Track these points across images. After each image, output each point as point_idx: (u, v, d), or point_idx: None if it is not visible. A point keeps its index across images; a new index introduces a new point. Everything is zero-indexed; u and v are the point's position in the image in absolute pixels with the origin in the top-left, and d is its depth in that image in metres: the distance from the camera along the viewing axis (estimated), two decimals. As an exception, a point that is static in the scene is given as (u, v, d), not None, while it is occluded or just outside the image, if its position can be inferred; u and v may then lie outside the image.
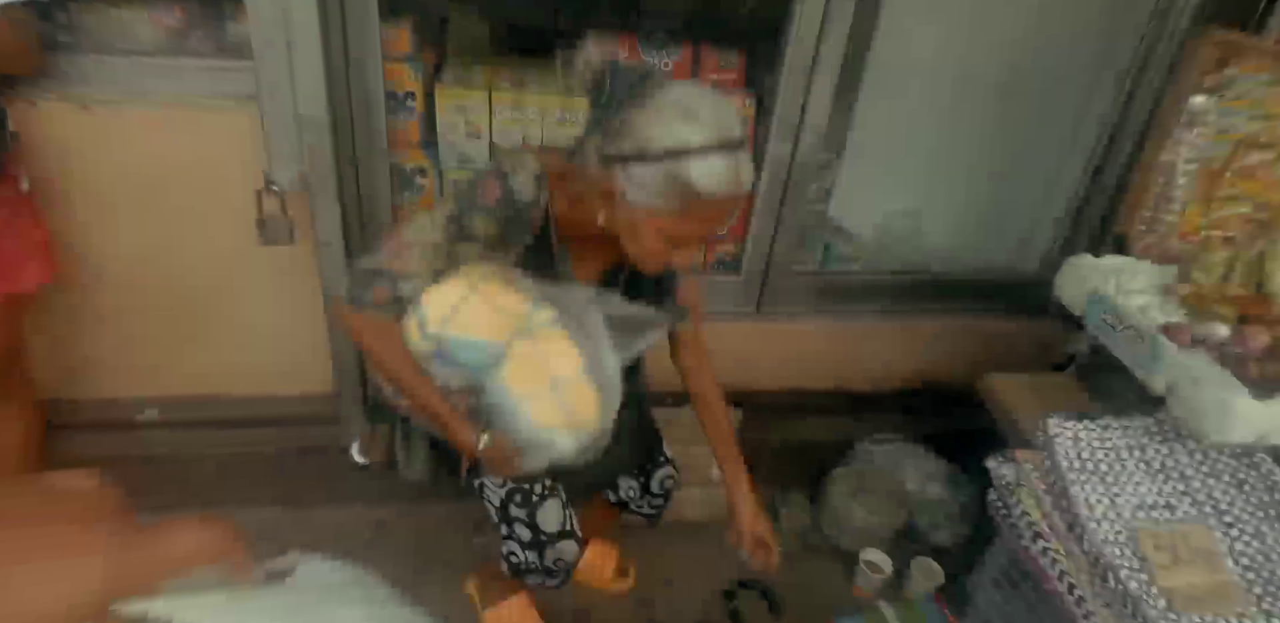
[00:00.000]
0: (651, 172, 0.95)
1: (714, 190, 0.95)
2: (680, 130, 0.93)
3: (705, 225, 1.01)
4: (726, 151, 0.94)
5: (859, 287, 2.28)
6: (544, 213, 1.10)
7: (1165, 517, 1.36)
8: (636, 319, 1.06)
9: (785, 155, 1.93)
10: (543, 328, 1.05)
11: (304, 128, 1.52)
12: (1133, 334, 1.44)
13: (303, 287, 1.74)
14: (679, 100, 0.94)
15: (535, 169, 1.07)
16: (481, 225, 1.06)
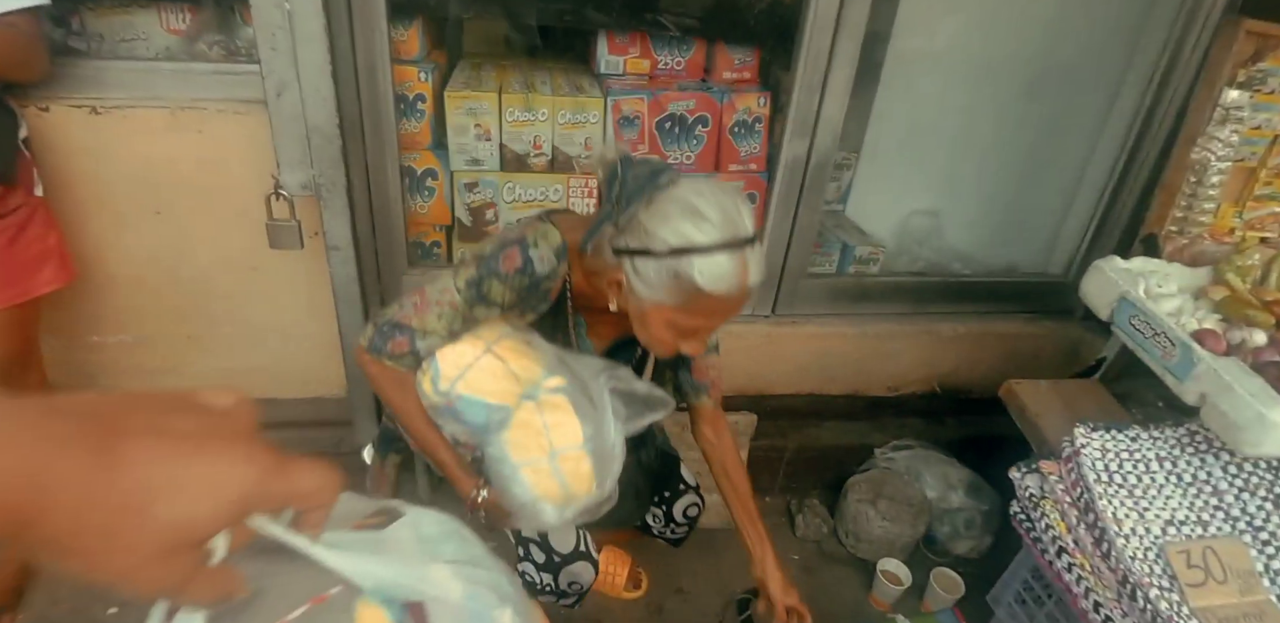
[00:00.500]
0: (656, 267, 0.97)
1: (718, 289, 0.96)
2: (685, 229, 0.94)
3: (711, 319, 1.02)
4: (732, 250, 0.95)
5: (877, 289, 2.23)
6: (562, 284, 1.13)
7: (1197, 533, 1.30)
8: (644, 397, 1.06)
9: (801, 155, 1.88)
10: (549, 396, 1.07)
11: (312, 132, 1.51)
12: (1163, 341, 1.38)
13: (314, 291, 1.73)
14: (686, 198, 0.96)
15: (556, 242, 1.09)
16: (499, 292, 1.09)
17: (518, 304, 1.12)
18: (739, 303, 1.01)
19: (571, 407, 1.04)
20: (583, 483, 1.05)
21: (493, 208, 1.89)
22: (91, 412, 0.35)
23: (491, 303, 1.09)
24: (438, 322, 1.09)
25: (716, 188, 0.99)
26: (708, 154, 1.94)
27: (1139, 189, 2.10)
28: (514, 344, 1.10)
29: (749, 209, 1.00)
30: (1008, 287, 2.33)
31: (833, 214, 2.33)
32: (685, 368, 1.33)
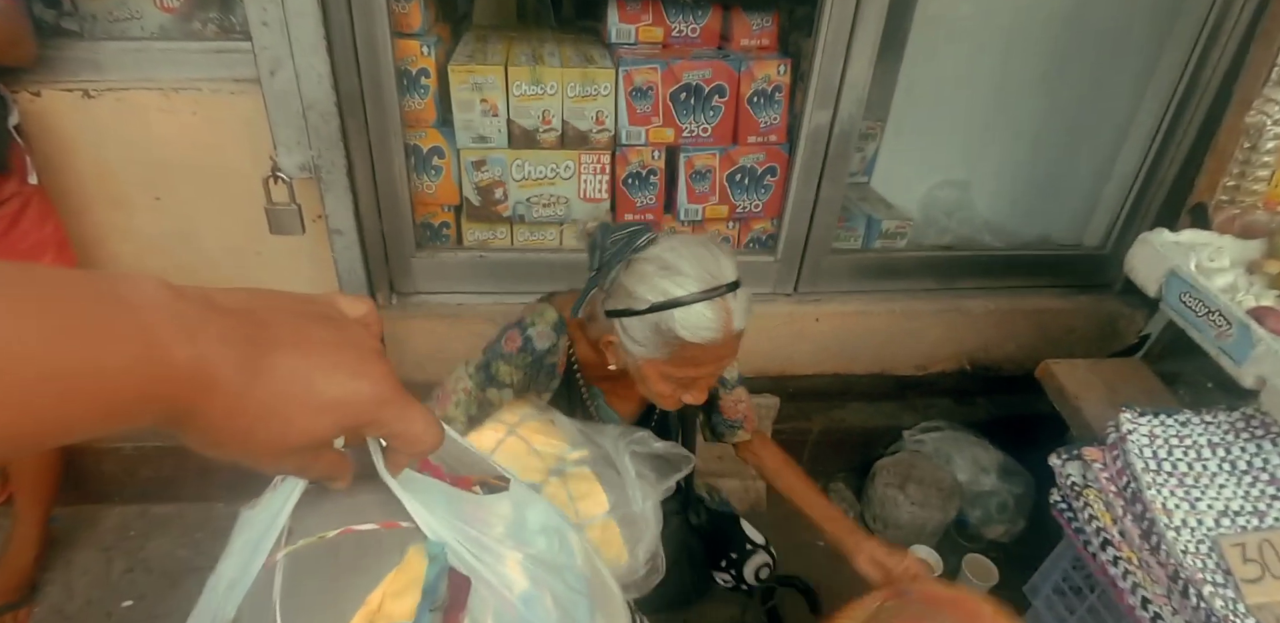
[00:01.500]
0: (641, 325, 1.01)
1: (700, 338, 0.99)
2: (662, 285, 0.99)
3: (701, 368, 1.05)
4: (711, 299, 0.98)
5: (904, 264, 2.13)
6: (566, 358, 1.18)
7: (1254, 524, 1.22)
8: (665, 456, 1.09)
9: (824, 124, 1.78)
10: (574, 468, 1.08)
11: (308, 110, 1.44)
12: (1218, 319, 1.28)
13: (319, 276, 1.68)
14: (661, 256, 1.00)
15: (553, 319, 1.15)
16: (506, 372, 1.14)
17: (527, 383, 1.16)
18: (727, 349, 1.03)
19: (596, 477, 1.05)
20: (613, 550, 1.04)
21: (502, 186, 1.82)
22: (247, 312, 0.37)
23: (502, 384, 1.14)
24: (456, 410, 1.14)
25: (693, 241, 1.04)
26: (725, 126, 1.84)
27: (1183, 155, 1.97)
28: (537, 424, 1.13)
29: (728, 256, 1.03)
30: (1040, 260, 2.23)
31: (857, 186, 2.23)
32: (715, 411, 1.36)
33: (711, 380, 1.12)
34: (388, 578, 0.50)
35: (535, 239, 1.91)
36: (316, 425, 0.38)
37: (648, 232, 1.04)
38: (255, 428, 0.37)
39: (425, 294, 1.85)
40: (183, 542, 1.82)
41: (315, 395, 0.38)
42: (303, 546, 0.51)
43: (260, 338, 0.36)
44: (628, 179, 1.86)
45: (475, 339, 1.85)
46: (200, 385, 0.34)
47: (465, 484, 0.56)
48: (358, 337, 0.41)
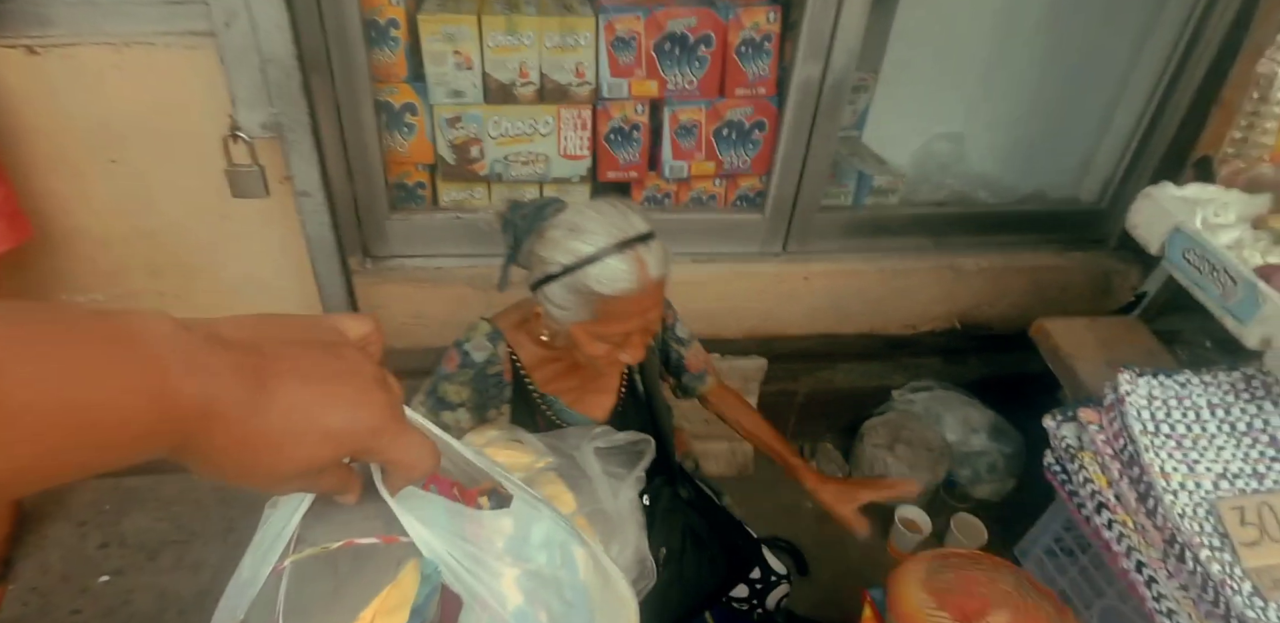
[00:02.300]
0: (559, 288, 1.02)
1: (617, 290, 1.00)
2: (572, 245, 1.00)
3: (630, 321, 1.05)
4: (621, 251, 0.99)
5: (896, 221, 2.07)
6: (511, 366, 1.19)
7: (1253, 487, 1.20)
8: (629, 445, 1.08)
9: (815, 76, 1.69)
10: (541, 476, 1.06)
11: (267, 64, 1.34)
12: (1223, 278, 1.24)
13: (289, 239, 1.60)
14: (568, 220, 1.02)
15: (486, 330, 1.18)
16: (454, 393, 1.16)
17: (479, 399, 1.17)
18: (649, 298, 1.04)
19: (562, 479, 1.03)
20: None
21: (478, 144, 1.73)
22: (251, 343, 0.38)
23: (453, 406, 1.16)
24: None
25: (598, 202, 1.05)
26: (711, 78, 1.75)
27: (1185, 107, 1.90)
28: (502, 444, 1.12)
29: (637, 212, 1.05)
30: (1035, 216, 2.17)
31: (848, 141, 2.15)
32: (680, 371, 1.39)
33: (645, 336, 1.11)
34: (380, 595, 0.52)
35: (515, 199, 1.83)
36: (316, 455, 0.40)
37: (555, 202, 1.06)
38: (258, 458, 0.38)
39: (401, 258, 1.77)
40: (159, 515, 1.78)
41: (315, 427, 0.39)
42: (307, 555, 0.53)
43: (263, 369, 0.37)
44: (610, 135, 1.78)
45: (455, 304, 1.80)
46: (205, 418, 0.35)
47: (471, 497, 0.58)
48: (358, 364, 0.42)
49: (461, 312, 1.80)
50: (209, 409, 0.35)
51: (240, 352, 0.37)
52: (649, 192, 1.91)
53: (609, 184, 1.87)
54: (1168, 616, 1.14)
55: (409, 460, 0.44)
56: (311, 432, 0.39)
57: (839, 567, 1.81)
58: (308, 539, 0.53)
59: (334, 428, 0.40)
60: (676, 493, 1.34)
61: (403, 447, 0.43)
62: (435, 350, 1.86)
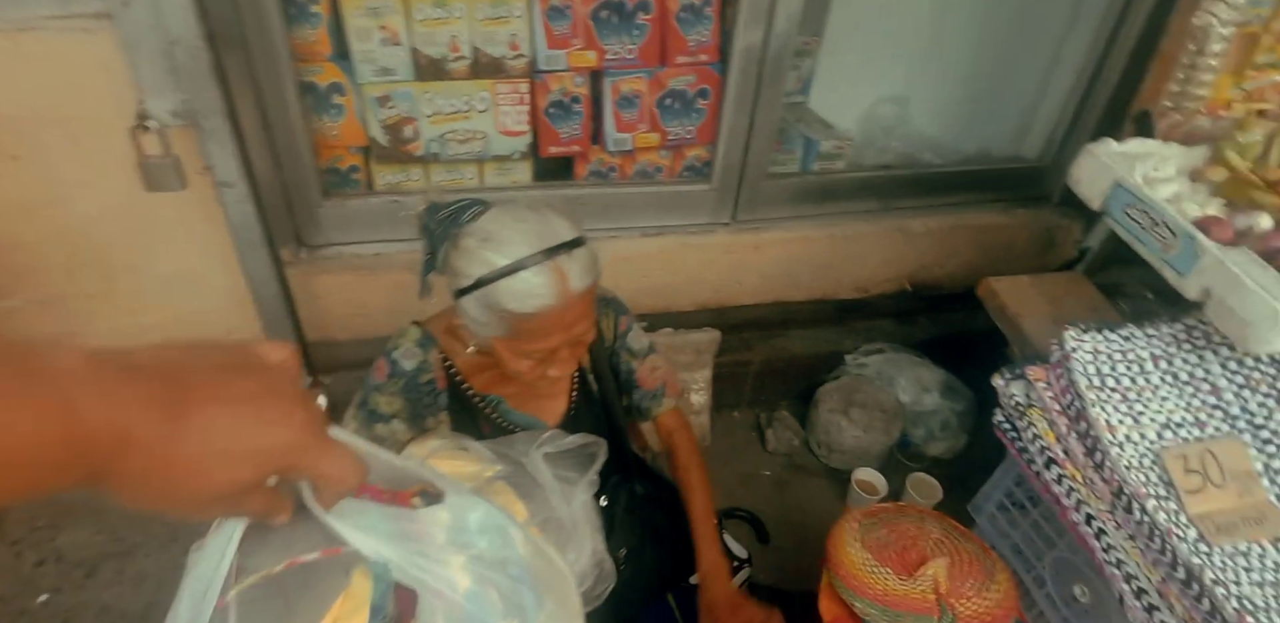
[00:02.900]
0: (473, 303, 0.95)
1: (531, 307, 0.92)
2: (483, 256, 0.92)
3: (552, 338, 0.97)
4: (539, 263, 0.91)
5: (844, 186, 2.06)
6: (445, 372, 1.11)
7: (1195, 435, 1.24)
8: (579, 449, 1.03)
9: (757, 42, 1.65)
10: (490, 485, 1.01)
11: (173, 46, 1.25)
12: (1163, 231, 1.26)
13: (212, 233, 1.51)
14: (482, 228, 0.94)
15: (416, 336, 1.10)
16: (385, 404, 1.08)
17: (413, 409, 1.10)
18: (572, 313, 0.96)
19: (512, 489, 0.98)
20: None
21: (412, 124, 1.65)
22: (166, 372, 0.38)
23: (386, 418, 1.08)
24: None
25: (519, 206, 0.97)
26: (651, 46, 1.69)
27: (1124, 61, 1.91)
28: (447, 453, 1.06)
29: (562, 216, 0.97)
30: (980, 175, 2.19)
31: (794, 106, 2.12)
32: (631, 386, 1.28)
33: (576, 349, 1.04)
34: (336, 603, 0.53)
35: (453, 179, 1.77)
36: (237, 475, 0.40)
37: (475, 205, 0.97)
38: (180, 482, 0.38)
39: (338, 245, 1.70)
40: (96, 528, 1.70)
41: (234, 446, 0.39)
42: (250, 584, 0.53)
43: (180, 395, 0.38)
44: (550, 109, 1.72)
45: (397, 291, 1.74)
46: (118, 447, 0.35)
47: (404, 499, 0.58)
48: (277, 384, 0.43)
49: (404, 300, 1.73)
50: (125, 438, 0.35)
51: (157, 380, 0.37)
52: (593, 166, 1.86)
53: (551, 159, 1.82)
54: (1116, 566, 1.18)
55: (336, 474, 0.45)
56: (232, 452, 0.39)
57: (799, 533, 1.83)
58: (249, 568, 0.53)
59: (254, 447, 0.40)
60: (634, 491, 1.31)
61: (329, 461, 0.44)
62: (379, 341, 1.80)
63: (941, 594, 1.26)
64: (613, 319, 1.24)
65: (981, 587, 1.27)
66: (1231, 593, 1.04)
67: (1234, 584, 1.07)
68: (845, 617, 1.32)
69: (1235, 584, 1.07)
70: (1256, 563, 1.13)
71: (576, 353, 1.05)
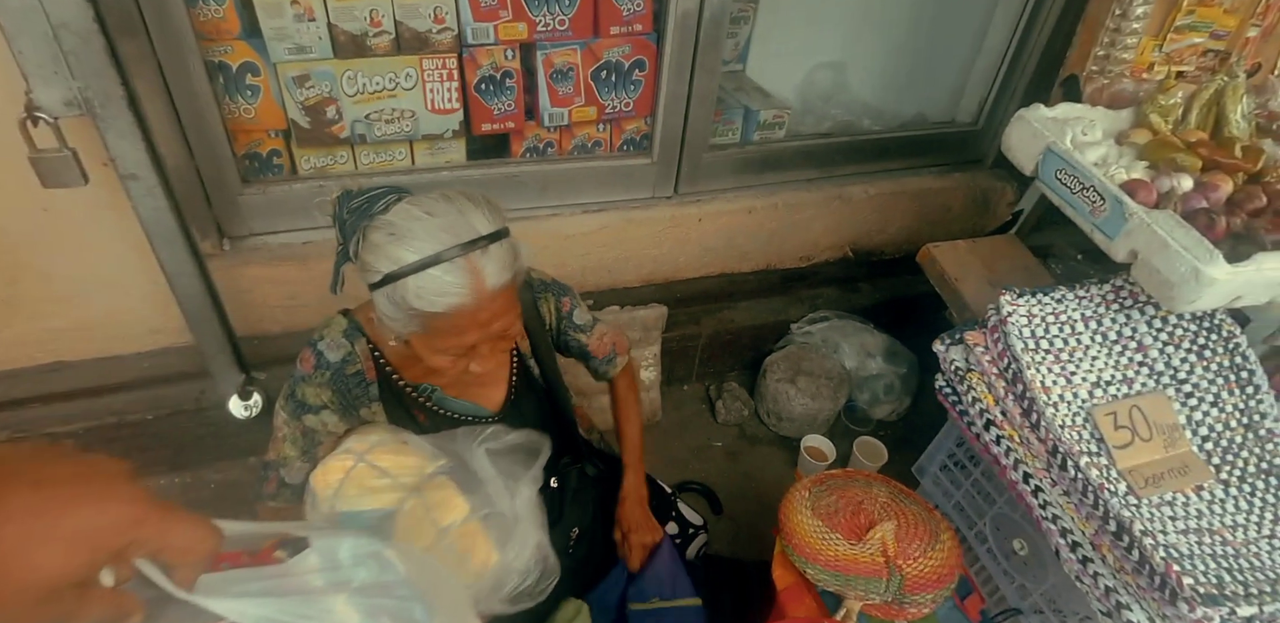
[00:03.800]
0: (383, 299, 0.90)
1: (442, 306, 0.87)
2: (391, 252, 0.87)
3: (468, 336, 0.93)
4: (447, 262, 0.86)
5: (785, 155, 2.06)
6: (374, 363, 1.07)
7: (1123, 392, 1.29)
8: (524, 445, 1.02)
9: (693, 8, 1.61)
10: (432, 481, 0.99)
11: (60, 31, 1.14)
12: (1092, 195, 1.28)
13: (124, 229, 1.42)
14: (394, 221, 0.88)
15: (342, 326, 1.06)
16: (313, 395, 1.04)
17: (343, 399, 1.06)
18: (487, 311, 0.92)
19: (454, 484, 0.95)
20: (480, 554, 0.96)
21: (333, 104, 1.57)
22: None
23: (316, 408, 1.05)
24: (290, 448, 1.06)
25: (436, 197, 0.91)
26: (584, 16, 1.64)
27: (1051, 25, 1.94)
28: (388, 448, 1.03)
29: (481, 208, 0.91)
30: (917, 140, 2.21)
31: (732, 75, 2.09)
32: (587, 357, 1.31)
33: (500, 344, 1.00)
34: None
35: (383, 161, 1.70)
36: (66, 560, 0.37)
37: (390, 194, 0.91)
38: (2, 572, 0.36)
39: (263, 235, 1.62)
40: None
41: (60, 528, 0.37)
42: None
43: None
44: (480, 84, 1.65)
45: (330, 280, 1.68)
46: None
47: (266, 556, 0.57)
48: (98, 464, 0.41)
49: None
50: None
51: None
52: (529, 142, 1.81)
53: (485, 137, 1.76)
54: (1052, 521, 1.23)
55: (188, 542, 0.43)
56: (56, 533, 0.37)
57: (752, 503, 1.87)
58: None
59: (83, 527, 0.38)
60: (584, 472, 1.32)
61: (175, 529, 0.42)
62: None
63: (890, 557, 1.30)
64: (552, 303, 1.21)
65: (927, 547, 1.31)
66: (1159, 543, 1.10)
67: (1161, 534, 1.13)
68: (798, 584, 1.35)
69: (1163, 534, 1.13)
70: (1181, 512, 1.19)
71: (500, 347, 1.01)
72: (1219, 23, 1.51)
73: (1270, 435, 1.25)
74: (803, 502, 1.40)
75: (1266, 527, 1.18)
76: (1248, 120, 1.40)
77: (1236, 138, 1.38)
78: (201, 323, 1.46)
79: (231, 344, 1.53)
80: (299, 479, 1.07)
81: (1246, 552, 1.13)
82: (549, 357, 1.22)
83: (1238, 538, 1.16)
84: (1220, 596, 1.03)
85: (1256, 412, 1.27)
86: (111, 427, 1.60)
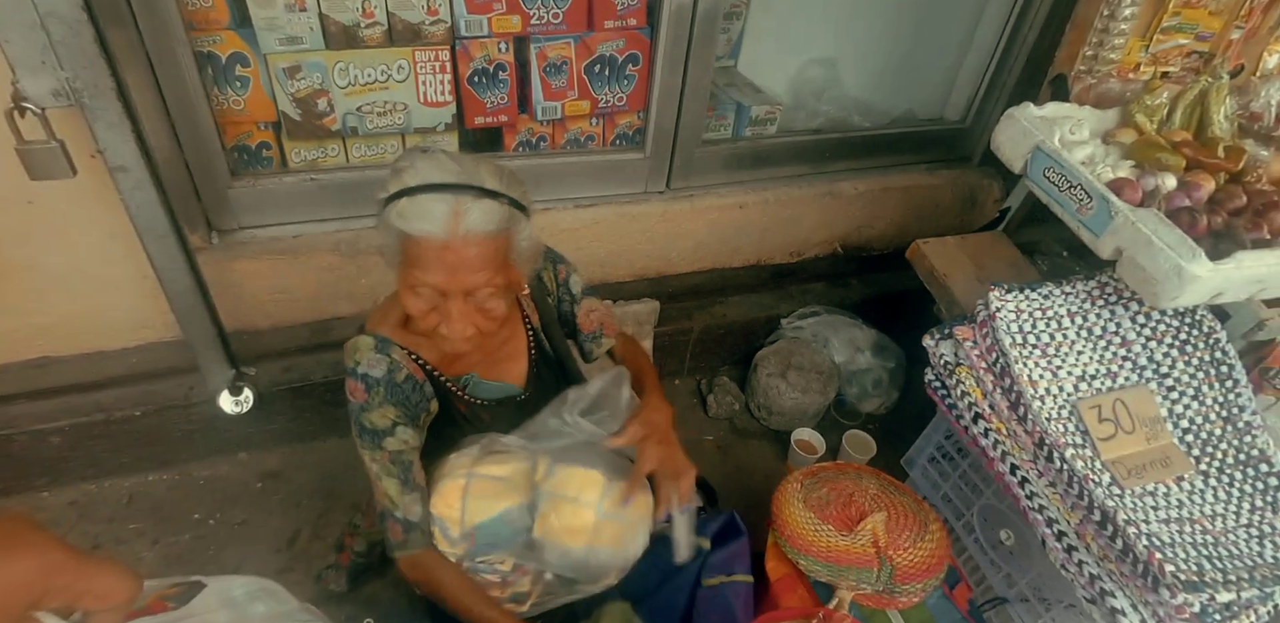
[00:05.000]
0: (379, 225, 0.96)
1: (418, 230, 0.92)
2: (404, 178, 0.94)
3: (433, 274, 0.95)
4: (440, 192, 0.93)
5: (776, 151, 2.07)
6: (417, 365, 1.10)
7: (1107, 386, 1.31)
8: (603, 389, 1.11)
9: (687, 4, 1.62)
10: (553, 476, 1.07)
11: (48, 20, 1.13)
12: (1079, 193, 1.31)
13: (112, 222, 1.41)
14: (416, 159, 0.96)
15: (369, 344, 1.07)
16: (380, 417, 1.05)
17: (408, 410, 1.08)
18: (455, 255, 0.94)
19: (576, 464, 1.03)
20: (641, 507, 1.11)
21: (325, 96, 1.56)
22: None
23: (388, 430, 1.06)
24: (390, 484, 1.06)
25: (463, 154, 0.99)
26: (577, 10, 1.64)
27: (1039, 25, 1.96)
28: (490, 458, 1.09)
29: (501, 176, 0.98)
30: (906, 137, 2.23)
31: (724, 71, 2.10)
32: (576, 334, 1.31)
33: (466, 307, 0.99)
34: None
35: (374, 154, 1.69)
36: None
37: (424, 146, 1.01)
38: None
39: (252, 229, 1.61)
40: None
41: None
42: None
43: None
44: (473, 77, 1.65)
45: (322, 274, 1.67)
46: None
47: (159, 607, 0.57)
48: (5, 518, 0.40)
49: (330, 282, 1.68)
50: None
51: None
52: (522, 136, 1.81)
53: (478, 130, 1.75)
54: (1039, 511, 1.25)
55: (107, 586, 0.42)
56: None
57: (744, 495, 1.88)
58: None
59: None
60: None
61: (93, 573, 0.41)
62: (307, 327, 1.76)
63: (880, 548, 1.33)
64: (552, 269, 1.26)
65: (916, 537, 1.34)
66: (1142, 532, 1.12)
67: (1144, 523, 1.16)
68: (791, 575, 1.38)
69: (1145, 523, 1.16)
70: (1163, 502, 1.22)
71: (474, 319, 1.00)
72: (1204, 25, 1.54)
73: (1248, 428, 1.29)
74: (795, 494, 1.42)
75: (1244, 516, 1.22)
76: (1230, 121, 1.43)
77: (1219, 138, 1.41)
78: (191, 318, 1.45)
79: (221, 339, 1.52)
80: (417, 514, 1.07)
81: (1225, 540, 1.17)
82: (557, 331, 1.26)
83: (1217, 527, 1.20)
84: (1200, 582, 1.06)
85: (1235, 405, 1.30)
86: (99, 423, 1.59)
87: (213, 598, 0.58)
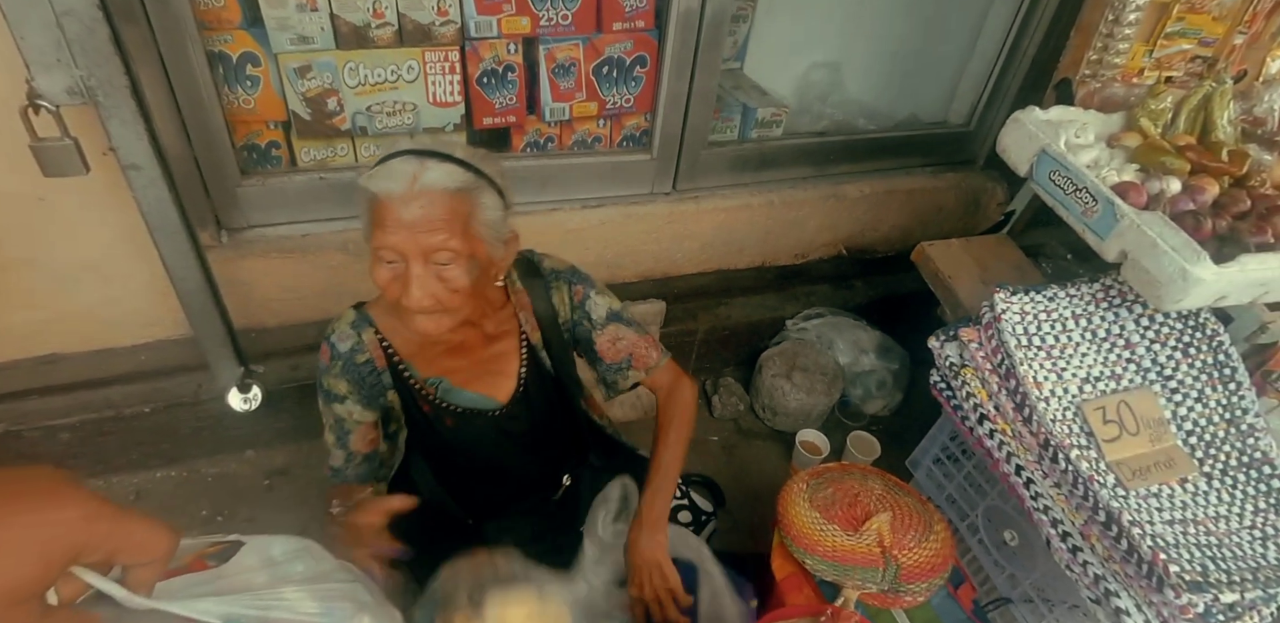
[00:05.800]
0: (356, 200, 0.97)
1: (380, 188, 0.93)
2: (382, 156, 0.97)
3: (394, 234, 0.94)
4: (409, 156, 0.95)
5: (781, 153, 2.08)
6: (383, 352, 1.12)
7: (1111, 388, 1.32)
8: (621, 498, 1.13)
9: (695, 6, 1.63)
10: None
11: (63, 18, 1.14)
12: (1085, 196, 1.32)
13: (123, 219, 1.42)
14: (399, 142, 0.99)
15: (351, 317, 1.12)
16: (334, 385, 1.12)
17: (361, 390, 1.13)
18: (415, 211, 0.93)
19: None
20: None
21: (334, 95, 1.57)
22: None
23: (339, 397, 1.13)
24: (329, 434, 1.17)
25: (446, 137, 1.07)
26: (587, 11, 1.65)
27: (1043, 29, 1.98)
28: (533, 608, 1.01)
29: (472, 151, 1.00)
30: (910, 140, 2.24)
31: (731, 73, 2.11)
32: (596, 359, 1.23)
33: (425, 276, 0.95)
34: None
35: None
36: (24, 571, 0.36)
37: None
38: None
39: (261, 227, 1.62)
40: None
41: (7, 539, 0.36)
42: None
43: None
44: (482, 78, 1.66)
45: (329, 273, 1.68)
46: None
47: (200, 565, 0.57)
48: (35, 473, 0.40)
49: (338, 281, 1.69)
50: None
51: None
52: (530, 137, 1.82)
53: (486, 131, 1.77)
54: (1043, 511, 1.26)
55: (143, 538, 0.42)
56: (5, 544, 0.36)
57: (749, 496, 1.89)
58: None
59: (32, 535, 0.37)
60: (593, 466, 1.33)
61: (130, 527, 0.41)
62: (314, 325, 1.76)
63: (885, 547, 1.33)
64: (565, 291, 1.19)
65: (921, 537, 1.34)
66: (1146, 532, 1.13)
67: (1148, 524, 1.17)
68: (797, 574, 1.38)
69: (1149, 524, 1.17)
70: (1167, 503, 1.23)
71: (432, 288, 0.96)
72: (1207, 30, 1.55)
73: (1251, 430, 1.30)
74: (800, 494, 1.43)
75: (1248, 518, 1.23)
76: (1234, 125, 1.44)
77: (1223, 142, 1.42)
78: (200, 315, 1.46)
79: (230, 337, 1.53)
80: (339, 464, 1.18)
81: (1229, 541, 1.17)
82: (561, 349, 1.20)
83: (1220, 528, 1.20)
84: (1205, 583, 1.07)
85: (1238, 407, 1.31)
86: (108, 420, 1.60)
87: (252, 557, 0.59)
